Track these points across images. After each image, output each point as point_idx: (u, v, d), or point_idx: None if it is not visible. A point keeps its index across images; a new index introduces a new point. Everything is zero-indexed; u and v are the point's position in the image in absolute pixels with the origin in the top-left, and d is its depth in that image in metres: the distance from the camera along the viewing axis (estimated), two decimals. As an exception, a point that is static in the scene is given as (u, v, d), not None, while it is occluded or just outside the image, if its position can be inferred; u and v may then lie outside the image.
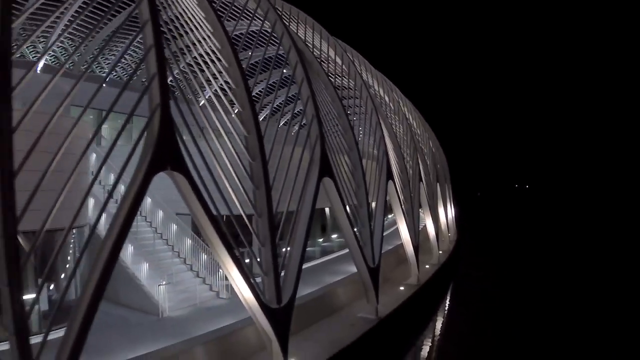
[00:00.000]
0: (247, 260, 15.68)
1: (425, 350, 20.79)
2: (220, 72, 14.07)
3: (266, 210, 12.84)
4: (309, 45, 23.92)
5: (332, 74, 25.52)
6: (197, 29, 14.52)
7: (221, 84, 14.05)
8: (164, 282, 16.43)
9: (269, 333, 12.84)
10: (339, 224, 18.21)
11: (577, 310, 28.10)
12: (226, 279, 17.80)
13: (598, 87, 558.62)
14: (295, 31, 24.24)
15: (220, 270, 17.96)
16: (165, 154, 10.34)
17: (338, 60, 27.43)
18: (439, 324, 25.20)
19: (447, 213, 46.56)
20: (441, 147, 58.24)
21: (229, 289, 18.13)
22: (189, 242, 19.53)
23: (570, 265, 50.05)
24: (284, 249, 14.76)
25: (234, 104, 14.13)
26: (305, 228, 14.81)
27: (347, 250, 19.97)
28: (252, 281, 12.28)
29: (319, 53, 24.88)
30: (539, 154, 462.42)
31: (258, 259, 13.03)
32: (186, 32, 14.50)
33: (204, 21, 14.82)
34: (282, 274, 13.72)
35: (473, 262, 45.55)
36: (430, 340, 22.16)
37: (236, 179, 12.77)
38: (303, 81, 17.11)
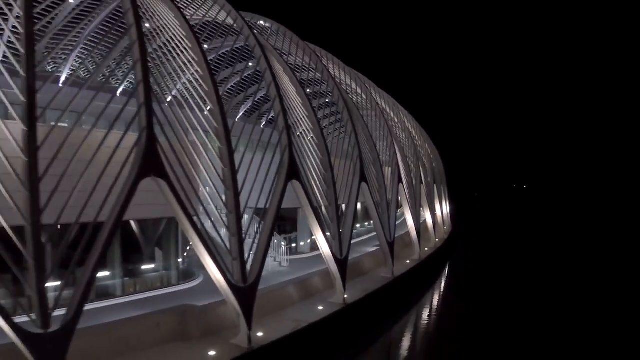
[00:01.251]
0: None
1: (427, 298, 33.72)
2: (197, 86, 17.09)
3: (234, 208, 15.88)
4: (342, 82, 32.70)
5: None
6: (181, 54, 17.53)
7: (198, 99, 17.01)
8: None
9: (237, 308, 15.87)
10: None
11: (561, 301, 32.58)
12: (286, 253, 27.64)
13: (594, 88, 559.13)
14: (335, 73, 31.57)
15: (282, 247, 27.46)
16: (149, 164, 13.46)
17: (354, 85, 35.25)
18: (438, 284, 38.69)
19: (442, 209, 53.37)
20: (439, 148, 65.15)
21: (288, 260, 27.20)
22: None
23: (558, 258, 54.31)
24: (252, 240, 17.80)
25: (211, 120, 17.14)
26: (272, 222, 17.83)
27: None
28: (221, 265, 15.34)
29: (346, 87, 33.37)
30: (537, 154, 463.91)
31: (228, 247, 16.10)
32: (173, 58, 17.49)
33: (190, 51, 17.79)
34: (251, 258, 16.79)
35: (465, 251, 56.24)
36: (429, 293, 34.93)
37: (210, 183, 15.82)
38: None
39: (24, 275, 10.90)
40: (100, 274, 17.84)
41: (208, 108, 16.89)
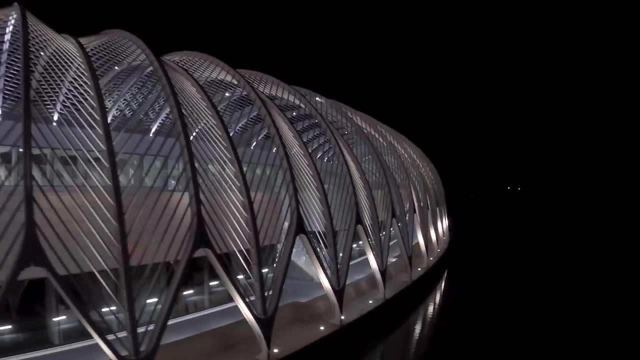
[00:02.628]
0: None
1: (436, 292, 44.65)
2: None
3: (257, 262, 21.41)
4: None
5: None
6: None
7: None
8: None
9: (258, 333, 21.32)
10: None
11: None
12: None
13: (587, 89, 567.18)
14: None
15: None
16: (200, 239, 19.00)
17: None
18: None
19: (443, 225, 63.74)
20: (434, 151, 76.92)
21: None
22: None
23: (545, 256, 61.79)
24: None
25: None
26: (284, 268, 23.33)
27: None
28: (246, 300, 20.78)
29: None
30: (530, 157, 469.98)
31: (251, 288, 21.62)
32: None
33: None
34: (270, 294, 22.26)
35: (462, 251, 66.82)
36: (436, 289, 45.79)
37: (235, 237, 21.32)
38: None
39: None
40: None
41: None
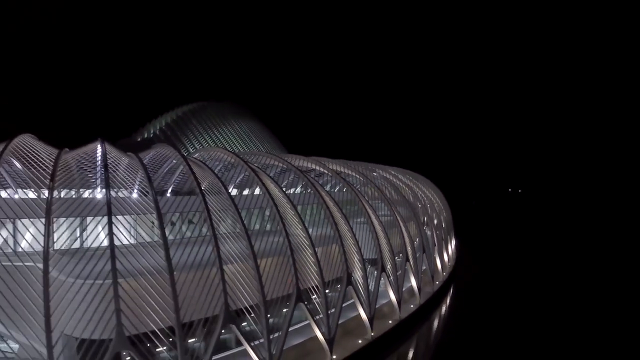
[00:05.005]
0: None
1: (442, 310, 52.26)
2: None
3: (325, 310, 31.57)
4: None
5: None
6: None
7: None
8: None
9: (325, 347, 31.51)
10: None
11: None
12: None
13: (588, 91, 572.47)
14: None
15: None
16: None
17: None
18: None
19: (451, 248, 71.42)
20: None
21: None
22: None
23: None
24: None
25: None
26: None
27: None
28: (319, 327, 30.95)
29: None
30: (529, 158, 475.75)
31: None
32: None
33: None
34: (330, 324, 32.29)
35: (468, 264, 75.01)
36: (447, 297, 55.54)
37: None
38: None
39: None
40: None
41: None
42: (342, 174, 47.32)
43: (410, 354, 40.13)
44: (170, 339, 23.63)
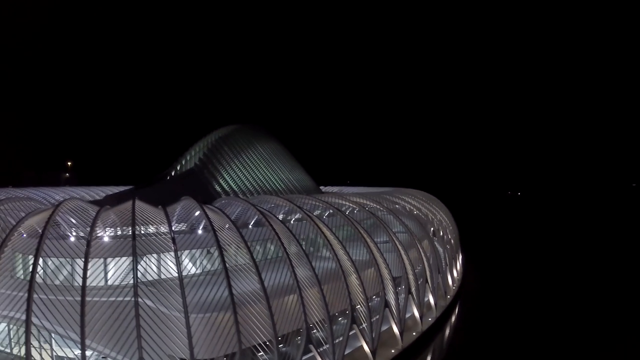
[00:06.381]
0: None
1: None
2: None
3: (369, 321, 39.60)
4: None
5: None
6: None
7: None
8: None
9: (370, 357, 39.53)
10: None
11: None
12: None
13: (587, 93, 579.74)
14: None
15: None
16: None
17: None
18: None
19: (459, 263, 78.39)
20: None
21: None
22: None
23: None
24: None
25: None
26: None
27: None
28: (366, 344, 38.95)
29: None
30: (527, 160, 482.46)
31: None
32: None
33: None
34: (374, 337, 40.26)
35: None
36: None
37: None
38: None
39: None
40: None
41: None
42: (365, 205, 56.02)
43: (429, 358, 48.58)
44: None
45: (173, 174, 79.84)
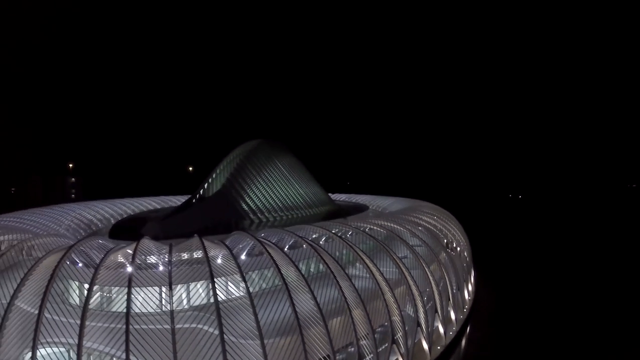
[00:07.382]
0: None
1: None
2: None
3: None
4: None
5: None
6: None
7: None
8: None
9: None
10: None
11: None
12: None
13: (588, 96, 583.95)
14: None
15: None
16: None
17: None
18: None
19: (471, 281, 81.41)
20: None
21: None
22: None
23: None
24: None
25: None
26: None
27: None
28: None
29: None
30: (530, 163, 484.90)
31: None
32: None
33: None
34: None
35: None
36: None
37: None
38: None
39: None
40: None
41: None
42: (393, 229, 60.96)
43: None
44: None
45: (202, 192, 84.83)
